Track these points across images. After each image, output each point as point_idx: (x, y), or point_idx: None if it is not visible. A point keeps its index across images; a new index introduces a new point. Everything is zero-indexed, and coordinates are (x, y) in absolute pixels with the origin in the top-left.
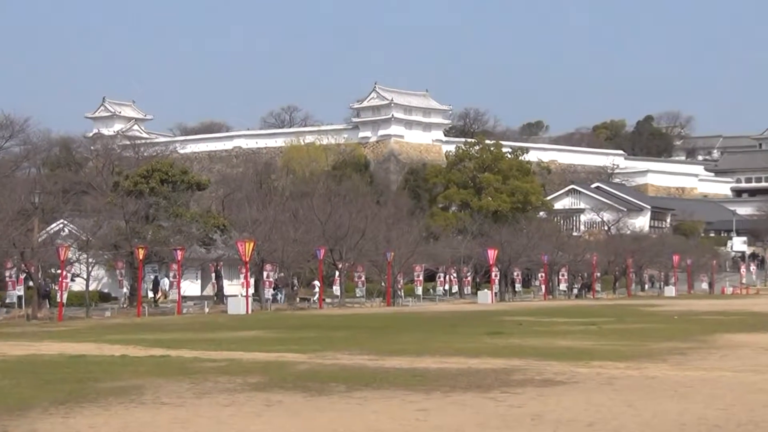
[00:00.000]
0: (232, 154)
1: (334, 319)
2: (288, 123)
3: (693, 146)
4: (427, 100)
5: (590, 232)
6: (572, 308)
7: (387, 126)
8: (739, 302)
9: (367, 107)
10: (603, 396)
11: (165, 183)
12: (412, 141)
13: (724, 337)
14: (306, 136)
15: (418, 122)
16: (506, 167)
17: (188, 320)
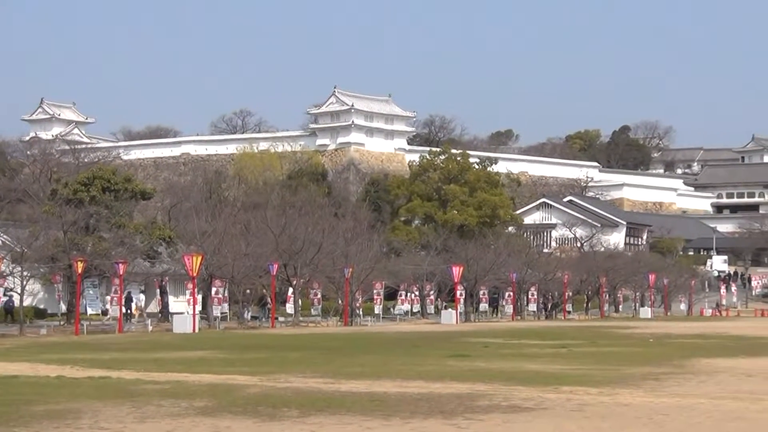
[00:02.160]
0: (180, 161)
1: (288, 338)
2: (240, 128)
3: (672, 159)
4: (389, 106)
5: (562, 249)
6: (542, 330)
7: (347, 133)
8: (719, 325)
9: (326, 113)
10: (573, 424)
11: (107, 191)
12: (374, 149)
13: (702, 361)
14: (260, 143)
15: (379, 129)
16: (473, 179)
17: (130, 339)
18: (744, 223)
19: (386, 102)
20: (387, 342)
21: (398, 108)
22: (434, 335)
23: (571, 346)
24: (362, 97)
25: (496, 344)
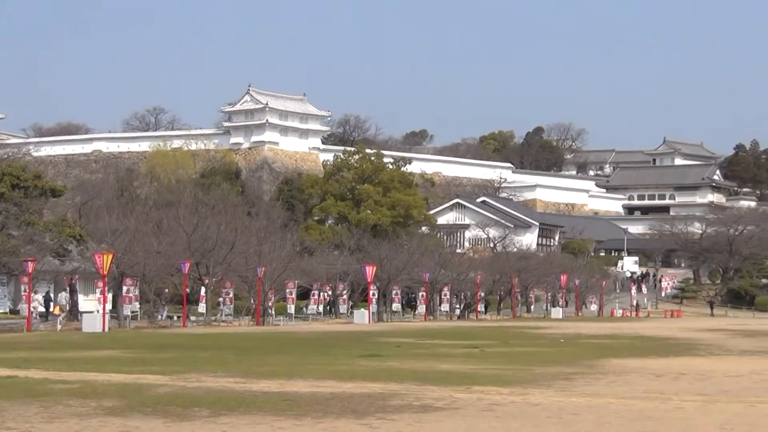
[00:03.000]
0: (92, 158)
1: (199, 338)
2: (153, 126)
3: (584, 161)
4: (304, 105)
5: (475, 249)
6: (454, 330)
7: (261, 132)
8: (629, 325)
9: (240, 111)
10: (484, 423)
11: (16, 188)
12: (288, 148)
13: (613, 361)
14: (173, 141)
15: (294, 128)
16: (387, 179)
17: (38, 338)
18: (654, 224)
19: (301, 101)
20: (299, 342)
21: (313, 107)
22: (346, 335)
23: (483, 346)
24: (277, 96)
25: (409, 344)
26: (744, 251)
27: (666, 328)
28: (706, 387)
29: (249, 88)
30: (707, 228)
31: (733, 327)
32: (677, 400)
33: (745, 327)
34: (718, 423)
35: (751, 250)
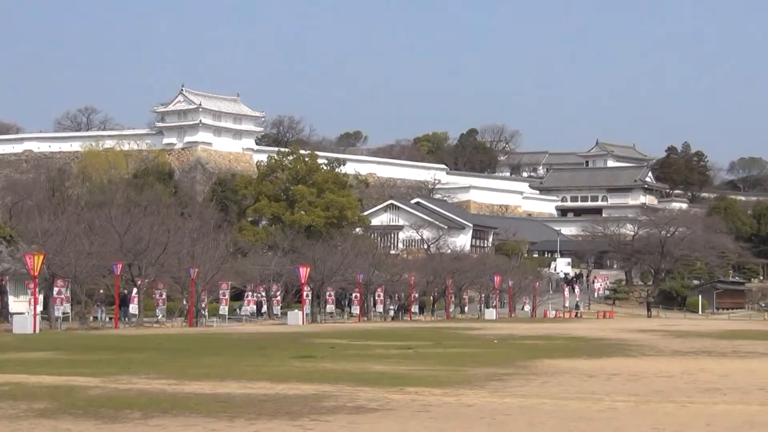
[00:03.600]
0: (22, 158)
1: (131, 340)
2: (85, 126)
3: (518, 162)
4: (238, 106)
5: (409, 251)
6: (388, 331)
7: (194, 132)
8: (562, 326)
9: (173, 111)
10: (418, 424)
11: None
12: (221, 149)
13: (545, 362)
14: (105, 141)
15: (228, 129)
16: (321, 179)
17: None
18: (587, 226)
19: (234, 101)
20: (232, 343)
21: (247, 108)
22: (280, 336)
23: (417, 347)
24: (210, 97)
25: (342, 345)
26: (675, 253)
27: (598, 329)
28: (638, 387)
29: (182, 89)
30: (639, 229)
31: (665, 328)
32: (609, 400)
33: (677, 328)
34: (649, 423)
35: (682, 251)
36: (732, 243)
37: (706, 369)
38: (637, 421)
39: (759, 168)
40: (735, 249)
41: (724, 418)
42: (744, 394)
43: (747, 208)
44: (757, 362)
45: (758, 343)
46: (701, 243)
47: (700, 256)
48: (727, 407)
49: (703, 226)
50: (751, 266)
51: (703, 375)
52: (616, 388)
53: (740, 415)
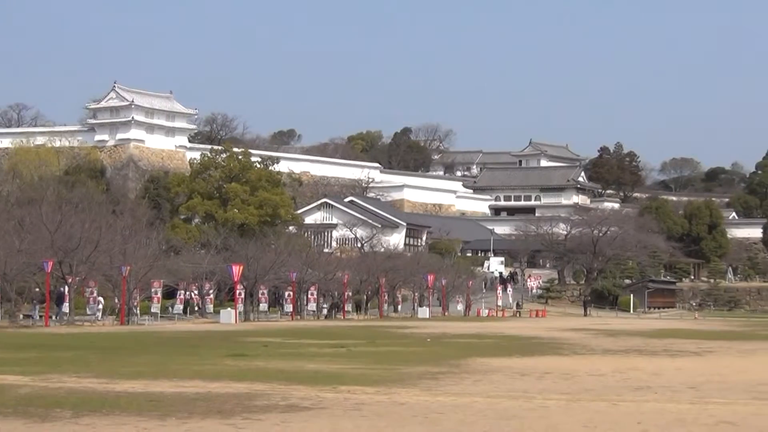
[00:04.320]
0: None
1: (62, 338)
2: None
3: (452, 161)
4: (171, 103)
5: (342, 249)
6: (321, 329)
7: (126, 129)
8: (495, 325)
9: (105, 108)
10: (350, 423)
11: None
12: (154, 146)
13: (478, 361)
14: (36, 138)
15: (160, 126)
16: (255, 178)
17: None
18: (520, 225)
19: (167, 99)
20: (164, 341)
21: (180, 105)
22: (213, 335)
23: (350, 346)
24: (143, 93)
25: (275, 344)
26: (607, 252)
27: (531, 328)
28: (569, 386)
29: (114, 85)
30: (572, 229)
31: (597, 326)
32: (541, 398)
33: (609, 326)
34: (581, 421)
35: (614, 251)
36: (663, 243)
37: (638, 368)
38: (569, 420)
39: (690, 168)
40: (666, 249)
41: (654, 416)
42: (674, 392)
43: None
44: (688, 361)
45: (689, 341)
46: (633, 242)
47: (631, 256)
48: (657, 405)
49: (635, 226)
50: (682, 266)
51: (635, 373)
52: (548, 386)
53: (671, 413)
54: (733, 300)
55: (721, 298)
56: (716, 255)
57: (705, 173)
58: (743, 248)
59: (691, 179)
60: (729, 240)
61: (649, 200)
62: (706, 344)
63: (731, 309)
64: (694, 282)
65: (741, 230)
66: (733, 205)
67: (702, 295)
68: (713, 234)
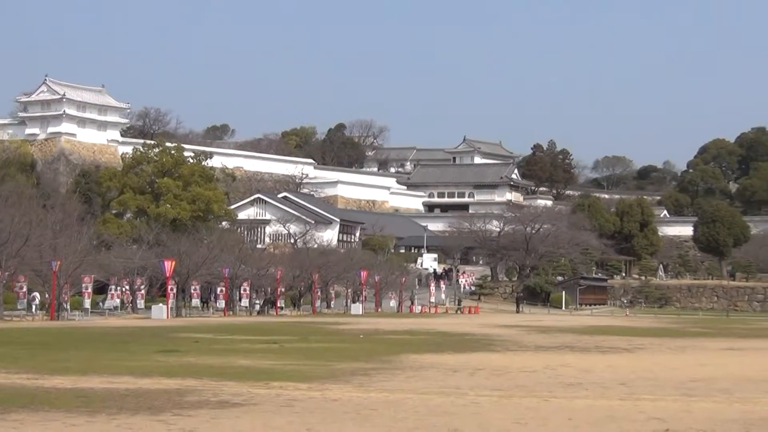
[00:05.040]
0: None
1: None
2: None
3: (386, 158)
4: (103, 97)
5: (276, 245)
6: (253, 325)
7: (57, 123)
8: (427, 321)
9: (36, 101)
10: (282, 419)
11: None
12: (86, 140)
13: (411, 357)
14: None
15: (92, 120)
16: (187, 173)
17: None
18: (454, 222)
19: (100, 92)
20: (95, 337)
21: (112, 99)
22: (144, 330)
23: (282, 342)
24: (75, 87)
25: (207, 340)
26: (540, 249)
27: (464, 324)
28: (501, 382)
29: (46, 78)
30: (505, 226)
31: (529, 323)
32: (473, 395)
33: (541, 323)
34: (512, 418)
35: (546, 248)
36: (595, 240)
37: (569, 364)
38: (501, 416)
39: (622, 167)
40: (598, 246)
41: (585, 412)
42: (605, 388)
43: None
44: (618, 357)
45: (619, 338)
46: (565, 240)
47: (564, 253)
48: (588, 402)
49: (567, 224)
50: (613, 263)
51: (566, 370)
52: (480, 382)
53: (601, 409)
54: (663, 297)
55: (652, 295)
56: (647, 252)
57: (637, 171)
58: (674, 246)
59: (623, 177)
60: (660, 238)
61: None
62: (637, 341)
63: (662, 306)
64: (625, 279)
65: (672, 228)
66: (664, 204)
67: (633, 293)
68: (645, 232)
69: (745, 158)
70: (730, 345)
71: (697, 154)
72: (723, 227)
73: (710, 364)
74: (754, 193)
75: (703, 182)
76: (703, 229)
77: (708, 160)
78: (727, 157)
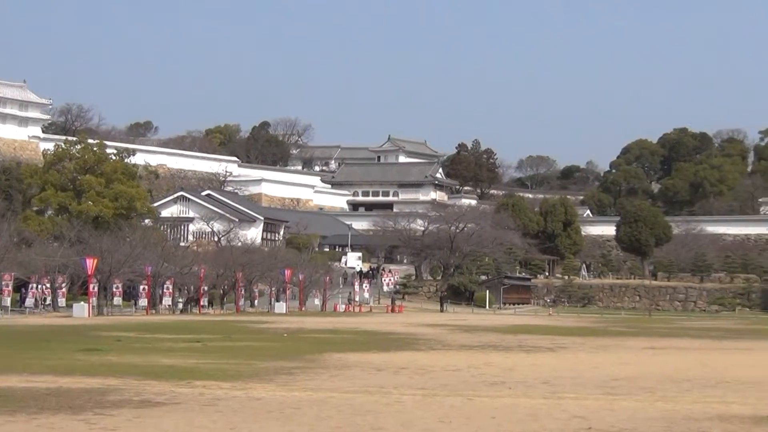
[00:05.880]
0: None
1: None
2: None
3: (310, 156)
4: (24, 92)
5: (199, 243)
6: (177, 324)
7: None
8: (351, 320)
9: None
10: (205, 418)
11: None
12: (6, 136)
13: (335, 356)
14: None
15: (13, 116)
16: (110, 170)
17: None
18: (378, 221)
19: (20, 88)
20: (15, 335)
21: (33, 95)
22: (65, 329)
23: (206, 341)
24: None
25: (130, 338)
26: (464, 248)
27: (388, 323)
28: (425, 381)
29: None
30: (429, 225)
31: (453, 322)
32: (397, 394)
33: (465, 322)
34: (436, 416)
35: (470, 247)
36: (519, 239)
37: (493, 363)
38: (425, 415)
39: (546, 166)
40: (522, 245)
41: (509, 411)
42: (528, 387)
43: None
44: (542, 357)
45: (542, 337)
46: (489, 239)
47: (488, 252)
48: (512, 400)
49: (491, 223)
50: (537, 262)
51: (490, 369)
52: (404, 381)
53: (525, 408)
54: (586, 296)
55: (575, 294)
56: (571, 252)
57: (560, 171)
58: (597, 245)
59: (547, 177)
60: (583, 237)
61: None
62: (560, 340)
63: (585, 305)
64: (548, 278)
65: (595, 228)
66: (587, 203)
67: (556, 292)
68: (568, 231)
69: (667, 159)
70: (651, 344)
71: (620, 154)
72: (645, 227)
73: (632, 363)
74: (676, 194)
75: (625, 182)
76: (625, 228)
77: (631, 161)
78: (649, 157)
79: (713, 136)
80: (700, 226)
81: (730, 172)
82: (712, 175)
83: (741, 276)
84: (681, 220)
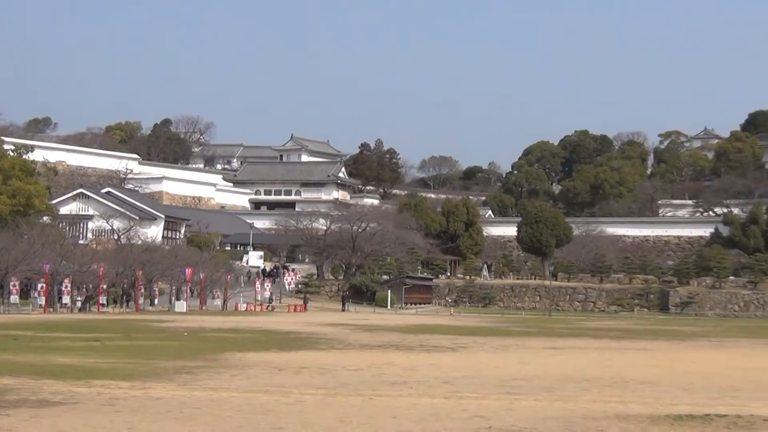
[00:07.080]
0: None
1: None
2: None
3: (212, 154)
4: None
5: (99, 241)
6: (75, 323)
7: None
8: (253, 319)
9: None
10: (104, 417)
11: None
12: None
13: (235, 355)
14: None
15: None
16: (8, 166)
17: None
18: (280, 219)
19: None
20: None
21: None
22: None
23: (105, 340)
24: None
25: (26, 337)
26: (366, 248)
27: (289, 323)
28: (326, 380)
29: None
30: (331, 224)
31: (355, 322)
32: (298, 393)
33: (366, 322)
34: (337, 416)
35: (373, 247)
36: (422, 239)
37: (394, 363)
38: (325, 414)
39: (449, 167)
40: (424, 245)
41: (410, 410)
42: (429, 387)
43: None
44: (443, 356)
45: (443, 337)
46: (392, 239)
47: (390, 252)
48: (412, 400)
49: (394, 223)
50: (439, 262)
51: (391, 368)
52: (305, 381)
53: (425, 407)
54: (487, 297)
55: (476, 294)
56: (472, 252)
57: (463, 172)
58: (498, 246)
59: (450, 177)
60: (485, 238)
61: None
62: (461, 340)
63: (486, 305)
64: (450, 278)
65: (497, 228)
66: (489, 204)
67: (458, 292)
68: (470, 232)
69: (568, 160)
70: (551, 344)
71: (521, 155)
72: (546, 228)
73: (532, 362)
74: (577, 195)
75: (527, 183)
76: (526, 229)
77: (532, 162)
78: (550, 159)
79: (614, 138)
80: (599, 228)
81: (629, 174)
82: (612, 177)
83: (639, 277)
84: (581, 222)
